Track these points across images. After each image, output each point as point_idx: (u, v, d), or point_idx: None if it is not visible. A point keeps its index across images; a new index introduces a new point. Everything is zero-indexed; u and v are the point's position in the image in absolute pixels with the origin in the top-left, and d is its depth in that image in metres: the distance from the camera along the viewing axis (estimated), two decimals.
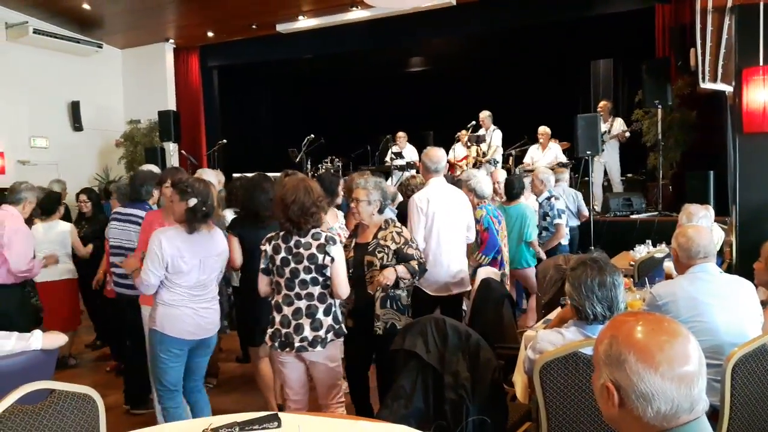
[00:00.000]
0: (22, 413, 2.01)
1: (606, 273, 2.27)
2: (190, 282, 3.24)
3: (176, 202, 3.24)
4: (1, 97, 10.43)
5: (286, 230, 3.11)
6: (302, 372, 3.20)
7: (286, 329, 3.10)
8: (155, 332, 3.26)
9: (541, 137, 8.99)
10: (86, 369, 5.59)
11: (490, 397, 2.65)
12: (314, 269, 3.06)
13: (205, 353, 3.45)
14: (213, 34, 11.89)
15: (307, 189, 3.10)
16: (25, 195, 4.60)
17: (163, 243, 3.15)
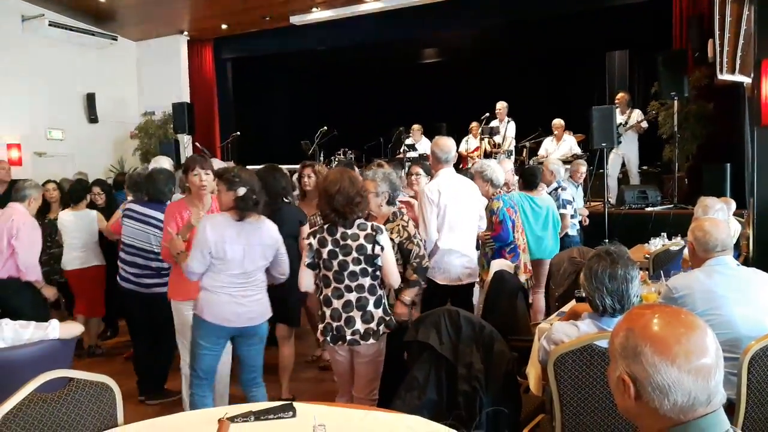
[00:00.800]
0: (41, 401, 2.04)
1: (618, 266, 2.25)
2: (233, 269, 3.22)
3: (223, 192, 3.24)
4: (18, 90, 10.52)
5: (330, 222, 3.09)
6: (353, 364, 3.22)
7: (337, 322, 3.10)
8: (196, 317, 3.28)
9: (555, 129, 8.94)
10: (104, 357, 5.64)
11: (504, 389, 2.65)
12: (363, 260, 3.06)
13: (251, 343, 3.41)
14: (227, 26, 11.91)
15: (351, 179, 3.10)
16: (29, 192, 4.64)
17: (208, 229, 3.15)
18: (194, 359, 3.33)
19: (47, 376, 2.08)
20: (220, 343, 3.33)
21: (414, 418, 2.12)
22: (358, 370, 3.22)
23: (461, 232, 4.20)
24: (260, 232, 3.31)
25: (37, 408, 2.02)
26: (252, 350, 3.44)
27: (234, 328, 3.29)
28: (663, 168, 9.09)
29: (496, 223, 4.41)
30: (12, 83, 10.40)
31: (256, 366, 3.48)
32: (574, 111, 9.05)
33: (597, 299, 2.28)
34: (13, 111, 10.51)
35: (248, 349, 3.42)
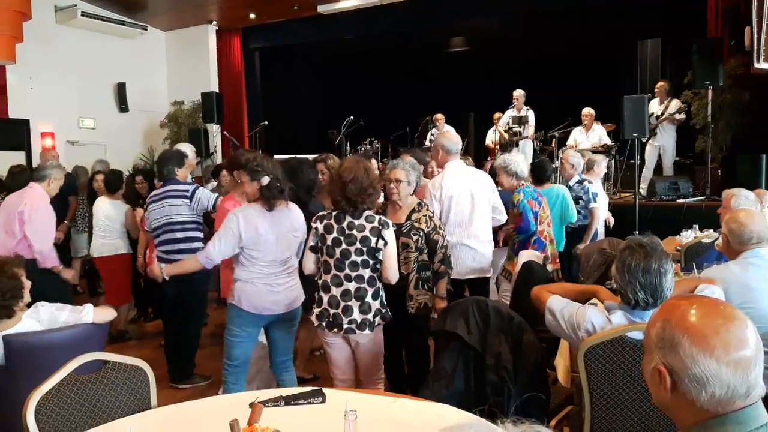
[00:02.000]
0: (79, 382, 2.09)
1: (652, 259, 2.20)
2: (267, 258, 3.25)
3: (247, 183, 3.27)
4: (52, 80, 10.72)
5: (341, 210, 3.10)
6: (348, 352, 3.23)
7: (335, 310, 3.11)
8: (233, 307, 3.32)
9: (585, 119, 8.82)
10: (135, 343, 5.75)
11: (533, 380, 2.64)
12: (366, 252, 3.07)
13: (287, 327, 3.48)
14: (255, 15, 11.95)
15: (365, 168, 3.10)
16: (49, 172, 4.69)
17: (241, 222, 3.18)
18: (230, 348, 3.36)
19: (84, 359, 2.13)
20: (255, 331, 3.39)
21: (443, 406, 2.12)
22: (359, 359, 3.24)
23: (470, 226, 4.16)
24: (290, 219, 3.35)
25: (75, 389, 2.07)
26: (286, 334, 3.50)
27: (271, 315, 3.34)
28: (696, 159, 8.90)
29: (516, 215, 4.36)
30: (45, 73, 10.59)
31: (288, 349, 3.55)
32: (605, 100, 8.91)
33: (630, 293, 2.24)
34: (47, 100, 10.71)
35: (282, 333, 3.48)
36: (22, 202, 4.51)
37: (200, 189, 4.52)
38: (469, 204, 4.14)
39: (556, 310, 2.41)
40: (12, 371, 2.74)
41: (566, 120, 9.18)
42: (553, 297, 2.45)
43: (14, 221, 4.47)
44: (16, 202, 4.59)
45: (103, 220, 5.55)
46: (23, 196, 4.60)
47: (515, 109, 9.55)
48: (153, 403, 2.24)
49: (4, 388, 2.74)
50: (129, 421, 2.01)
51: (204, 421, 2.02)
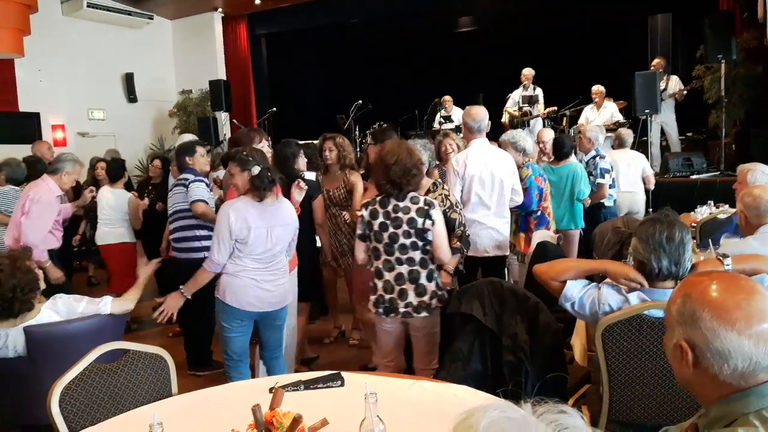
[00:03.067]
0: (101, 371, 2.12)
1: (675, 228, 2.20)
2: (256, 252, 3.21)
3: (238, 174, 3.21)
4: (61, 72, 10.75)
5: (385, 193, 3.09)
6: (401, 337, 3.23)
7: (390, 295, 3.11)
8: (219, 301, 3.28)
9: (595, 96, 8.75)
10: (151, 332, 5.80)
11: (550, 360, 2.64)
12: (414, 233, 3.05)
13: (271, 327, 3.43)
14: (260, 1, 11.90)
15: (408, 150, 3.07)
16: (63, 165, 4.68)
17: (231, 216, 3.13)
18: (225, 343, 3.34)
19: (106, 348, 2.16)
20: (245, 325, 3.33)
21: (461, 387, 2.13)
22: (416, 343, 3.23)
23: (490, 204, 4.16)
24: (281, 212, 3.30)
25: (97, 377, 2.10)
26: (273, 333, 3.47)
27: (257, 312, 3.31)
28: (709, 134, 8.82)
29: (522, 190, 4.37)
30: (54, 65, 10.63)
31: (277, 345, 3.53)
32: (616, 77, 8.82)
33: (654, 261, 2.22)
34: (56, 92, 10.76)
35: (270, 332, 3.45)
36: (29, 192, 4.54)
37: (195, 183, 4.39)
38: (490, 183, 4.13)
39: (575, 300, 2.37)
40: (34, 361, 2.78)
41: (577, 98, 9.11)
42: (567, 285, 2.40)
43: (18, 211, 4.50)
44: (25, 192, 4.64)
45: (106, 209, 5.58)
46: (32, 187, 4.63)
47: (523, 88, 9.48)
48: (174, 390, 2.27)
49: (27, 377, 2.79)
50: (152, 408, 2.03)
51: (225, 407, 2.04)
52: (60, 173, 4.67)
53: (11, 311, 2.70)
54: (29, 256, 2.86)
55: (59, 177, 4.67)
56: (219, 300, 3.28)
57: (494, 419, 0.93)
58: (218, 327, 3.38)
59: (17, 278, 2.67)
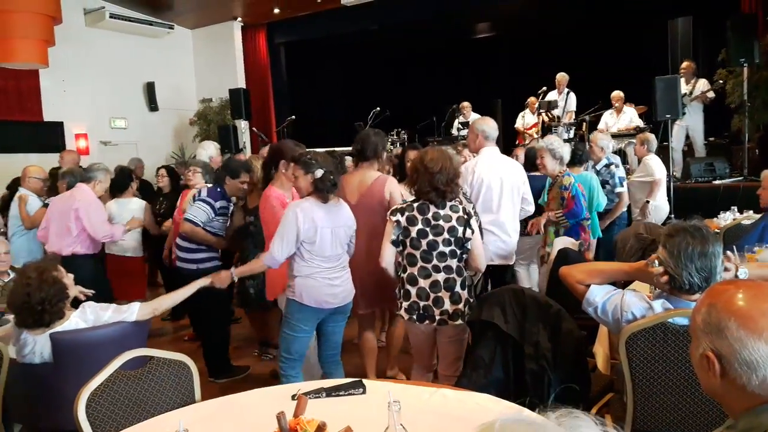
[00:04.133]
0: (126, 378, 2.14)
1: (708, 243, 2.14)
2: (324, 252, 3.27)
3: (301, 176, 3.27)
4: (84, 81, 10.93)
5: (428, 200, 3.09)
6: (433, 343, 3.25)
7: (425, 302, 3.12)
8: (293, 302, 3.32)
9: (615, 101, 8.69)
10: (166, 339, 5.84)
11: (572, 368, 2.62)
12: (454, 242, 3.07)
13: (341, 320, 3.52)
14: (279, 10, 11.99)
15: (450, 158, 3.09)
16: (95, 174, 4.90)
17: (299, 215, 3.17)
18: (289, 343, 3.39)
19: (131, 354, 2.19)
20: (313, 326, 3.42)
21: (483, 395, 2.12)
22: (444, 349, 3.24)
23: (497, 213, 4.15)
24: (342, 213, 3.36)
25: (122, 384, 2.13)
26: (338, 327, 3.54)
27: (332, 308, 3.38)
28: (731, 139, 8.69)
29: (569, 199, 4.33)
30: (77, 75, 10.82)
31: (339, 343, 3.59)
32: (635, 82, 8.74)
33: (684, 277, 2.16)
34: (79, 102, 10.94)
35: (335, 326, 3.51)
36: (75, 200, 4.73)
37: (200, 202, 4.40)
38: (498, 191, 4.13)
39: (598, 305, 2.34)
40: (59, 367, 2.82)
41: (596, 103, 9.05)
42: (590, 290, 2.36)
43: (70, 219, 4.67)
44: (68, 201, 4.80)
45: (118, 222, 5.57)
46: (74, 195, 4.81)
47: (557, 92, 9.39)
48: (197, 396, 2.29)
49: (52, 383, 2.83)
50: (177, 415, 2.05)
51: (249, 414, 2.06)
52: (93, 182, 4.88)
53: (42, 322, 2.75)
54: (56, 266, 2.90)
55: (93, 185, 4.87)
56: (295, 302, 3.32)
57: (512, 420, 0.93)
58: (285, 326, 3.42)
59: (44, 291, 2.71)
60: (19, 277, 2.81)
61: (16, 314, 2.78)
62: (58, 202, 4.95)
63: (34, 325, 2.75)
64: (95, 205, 4.81)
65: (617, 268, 2.49)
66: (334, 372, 3.54)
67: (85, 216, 4.68)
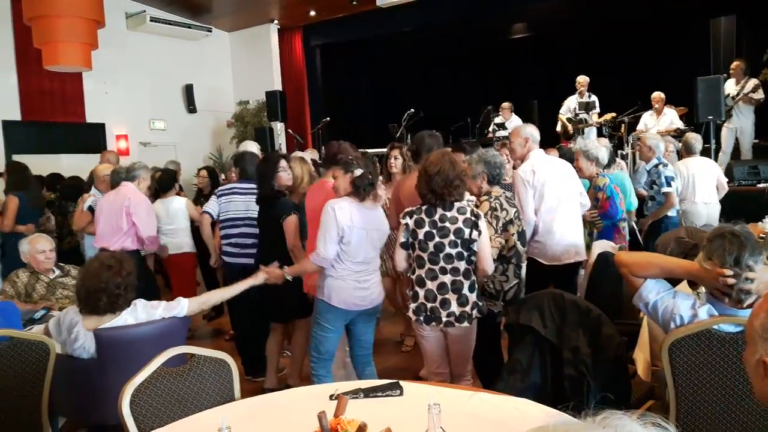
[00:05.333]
0: (168, 375, 2.18)
1: (746, 249, 2.08)
2: (357, 253, 3.32)
3: (341, 176, 3.35)
4: (125, 84, 11.18)
5: (429, 203, 3.12)
6: (444, 345, 3.24)
7: (432, 303, 3.14)
8: (323, 303, 3.39)
9: (655, 103, 8.51)
10: (206, 338, 5.93)
11: (613, 374, 2.57)
12: (460, 243, 3.07)
13: (371, 321, 3.57)
14: (315, 12, 12.09)
15: (451, 161, 3.10)
16: (139, 173, 5.05)
17: (337, 211, 3.24)
18: (318, 342, 3.44)
19: (174, 351, 2.23)
20: (343, 326, 3.47)
21: (521, 400, 2.10)
22: (454, 350, 3.24)
23: (562, 211, 4.11)
24: (377, 217, 3.40)
25: (165, 381, 2.17)
26: (368, 328, 3.57)
27: (360, 310, 3.42)
28: None
29: (604, 200, 4.32)
30: (118, 78, 11.06)
31: (370, 343, 3.62)
32: (676, 83, 8.57)
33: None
34: (120, 104, 11.19)
35: (365, 327, 3.55)
36: (125, 197, 4.87)
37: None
38: (558, 190, 4.11)
39: (650, 302, 2.28)
40: (102, 363, 2.89)
41: (635, 104, 8.89)
42: (645, 284, 2.28)
43: (120, 216, 4.81)
44: (116, 199, 4.93)
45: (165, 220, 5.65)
46: (122, 192, 4.94)
47: (579, 95, 9.31)
48: (236, 394, 2.32)
49: (97, 378, 2.90)
50: (217, 412, 2.08)
51: (288, 412, 2.07)
52: (137, 180, 5.03)
53: (114, 307, 2.83)
54: (132, 262, 3.01)
55: (137, 183, 5.03)
56: (323, 302, 3.38)
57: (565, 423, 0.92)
58: (314, 326, 3.48)
59: (123, 277, 2.82)
60: (97, 263, 2.89)
61: (88, 297, 2.83)
62: (107, 200, 5.07)
63: (106, 309, 2.81)
64: (145, 204, 4.96)
65: (680, 265, 2.30)
66: (367, 372, 3.57)
67: (135, 213, 4.82)
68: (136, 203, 4.86)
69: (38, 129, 10.16)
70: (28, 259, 4.18)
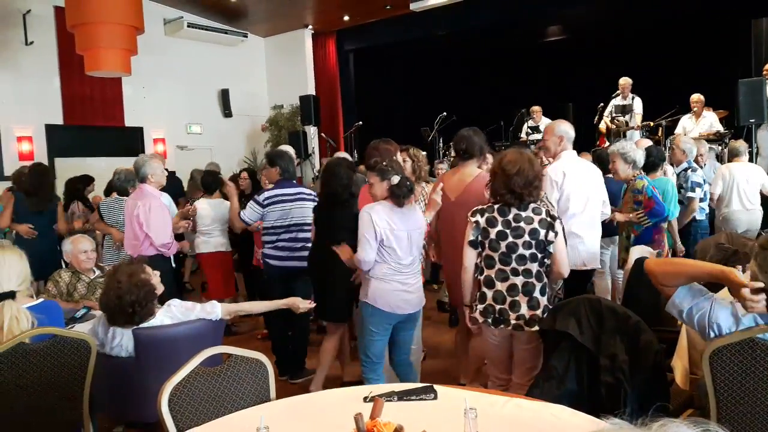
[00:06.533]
0: (205, 374, 2.21)
1: None
2: (399, 255, 3.34)
3: (377, 183, 3.40)
4: (163, 89, 11.42)
5: (506, 203, 3.03)
6: (510, 350, 3.16)
7: (501, 305, 3.05)
8: (367, 305, 3.41)
9: (694, 105, 8.33)
10: (242, 337, 6.01)
11: (651, 382, 2.52)
12: (535, 245, 2.99)
13: (412, 327, 3.58)
14: (349, 17, 12.17)
15: (530, 160, 3.03)
16: (145, 169, 4.82)
17: (373, 217, 3.28)
18: (367, 346, 3.47)
19: (212, 351, 2.26)
20: (389, 329, 3.47)
21: (558, 406, 2.07)
22: (520, 356, 3.14)
23: (583, 218, 4.07)
24: (415, 217, 3.42)
25: (202, 380, 2.20)
26: (410, 333, 3.58)
27: (402, 314, 3.42)
28: None
29: (646, 200, 4.28)
30: (156, 82, 11.32)
31: (410, 346, 3.63)
32: (715, 85, 8.37)
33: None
34: (158, 108, 11.44)
35: (407, 333, 3.55)
36: (136, 205, 4.76)
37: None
38: (585, 195, 4.07)
39: (684, 309, 2.24)
40: (140, 362, 2.95)
41: (673, 107, 8.71)
42: (678, 291, 2.22)
43: (134, 224, 4.75)
44: (131, 205, 4.85)
45: (206, 219, 5.83)
46: (135, 199, 4.85)
47: (621, 97, 9.15)
48: (272, 395, 2.34)
49: (136, 377, 2.96)
50: (253, 412, 2.10)
51: (323, 413, 2.08)
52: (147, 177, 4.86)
53: (133, 322, 2.91)
54: (144, 269, 3.03)
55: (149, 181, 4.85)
56: (368, 305, 3.40)
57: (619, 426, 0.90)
58: (360, 330, 3.52)
59: (134, 294, 2.85)
60: (110, 280, 2.95)
61: (107, 314, 2.94)
62: (128, 206, 4.97)
63: (125, 324, 2.89)
64: (156, 210, 4.70)
65: (704, 270, 2.24)
66: (408, 374, 3.57)
67: (145, 222, 4.66)
68: (145, 212, 4.64)
69: (79, 132, 10.47)
70: (70, 259, 4.30)
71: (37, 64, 9.97)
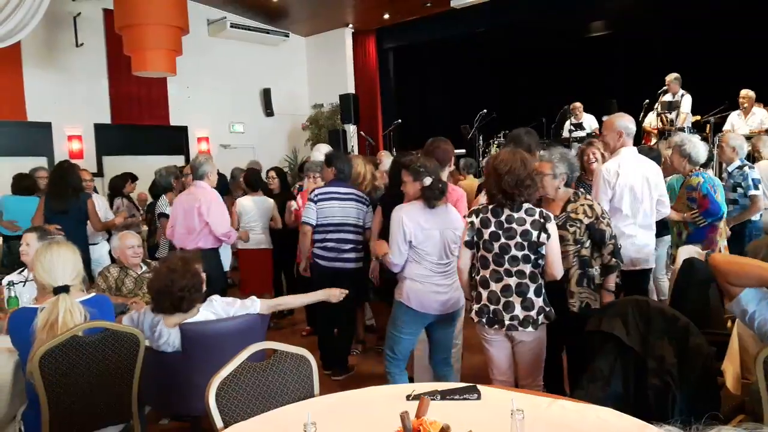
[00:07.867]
0: (251, 369, 2.25)
1: None
2: (434, 255, 3.36)
3: (410, 183, 3.42)
4: (207, 88, 11.64)
5: (497, 203, 3.04)
6: (509, 351, 3.16)
7: (495, 306, 3.05)
8: (401, 304, 3.44)
9: (743, 101, 8.06)
10: (285, 333, 6.07)
11: (700, 386, 2.46)
12: (527, 246, 2.98)
13: (449, 326, 3.58)
14: (389, 15, 12.18)
15: (522, 160, 3.01)
16: (205, 168, 5.06)
17: (404, 219, 3.32)
18: (394, 342, 3.49)
19: (258, 347, 2.30)
20: (420, 328, 3.49)
21: (605, 409, 2.04)
22: (519, 358, 3.15)
23: (639, 216, 3.98)
24: (450, 216, 3.41)
25: (248, 375, 2.24)
26: (447, 333, 3.57)
27: (438, 315, 3.43)
28: None
29: (701, 198, 4.20)
30: (200, 82, 11.54)
31: (449, 347, 3.62)
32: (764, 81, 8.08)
33: None
34: (202, 107, 11.66)
35: (444, 332, 3.56)
36: (196, 198, 4.95)
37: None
38: (641, 193, 3.98)
39: (748, 311, 2.14)
40: (187, 356, 3.02)
41: (722, 104, 8.44)
42: (744, 292, 2.13)
43: (193, 216, 4.93)
44: (189, 199, 5.03)
45: (252, 215, 5.95)
46: (194, 193, 5.03)
47: (670, 93, 8.90)
48: (316, 391, 2.37)
49: (183, 371, 3.03)
50: (300, 407, 2.13)
51: (367, 410, 2.10)
52: (206, 175, 5.10)
53: (180, 308, 2.96)
54: (198, 259, 3.10)
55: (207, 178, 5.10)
56: (402, 303, 3.43)
57: None
58: (391, 326, 3.52)
59: (187, 279, 2.92)
60: (165, 264, 3.03)
61: (154, 298, 2.99)
62: (181, 201, 5.17)
63: (170, 309, 2.95)
64: (216, 202, 5.00)
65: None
66: (447, 374, 3.56)
67: (207, 212, 4.89)
68: (208, 202, 4.91)
69: (126, 131, 10.75)
70: (118, 254, 4.42)
71: (86, 65, 10.27)
